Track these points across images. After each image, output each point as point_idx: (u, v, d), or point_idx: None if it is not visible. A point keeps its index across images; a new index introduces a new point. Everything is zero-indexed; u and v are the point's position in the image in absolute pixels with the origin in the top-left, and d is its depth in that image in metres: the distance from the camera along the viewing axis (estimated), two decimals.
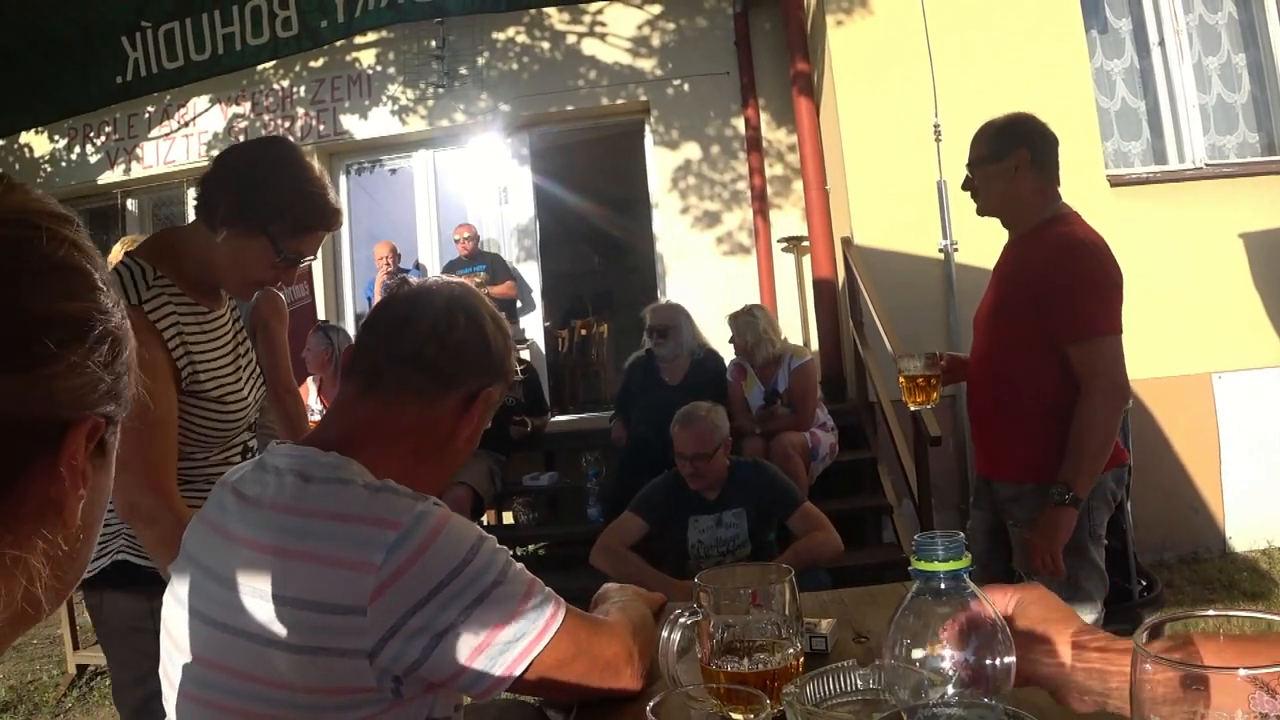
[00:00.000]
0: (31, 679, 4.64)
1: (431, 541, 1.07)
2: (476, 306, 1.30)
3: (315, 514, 1.09)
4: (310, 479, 1.13)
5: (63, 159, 7.88)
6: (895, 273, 5.42)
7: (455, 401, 1.26)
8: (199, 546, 1.19)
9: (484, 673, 1.09)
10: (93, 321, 0.56)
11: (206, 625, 1.12)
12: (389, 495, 1.11)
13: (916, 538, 0.97)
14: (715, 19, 7.02)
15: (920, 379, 2.53)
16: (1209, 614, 0.74)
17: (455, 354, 1.25)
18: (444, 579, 1.06)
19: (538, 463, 6.06)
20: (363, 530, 1.06)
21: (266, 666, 1.05)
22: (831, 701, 1.05)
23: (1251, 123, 6.02)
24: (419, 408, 1.24)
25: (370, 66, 7.41)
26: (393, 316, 1.28)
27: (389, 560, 1.04)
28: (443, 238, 7.50)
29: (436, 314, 1.26)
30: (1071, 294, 2.33)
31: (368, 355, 1.27)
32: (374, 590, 1.03)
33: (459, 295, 1.30)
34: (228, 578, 1.10)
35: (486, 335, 1.28)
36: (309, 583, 1.05)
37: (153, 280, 1.85)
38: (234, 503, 1.17)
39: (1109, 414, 2.32)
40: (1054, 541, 2.32)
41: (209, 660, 1.11)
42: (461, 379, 1.26)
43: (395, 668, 1.06)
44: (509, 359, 1.33)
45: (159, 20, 2.56)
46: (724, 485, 3.40)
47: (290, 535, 1.08)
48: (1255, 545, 5.40)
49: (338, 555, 1.06)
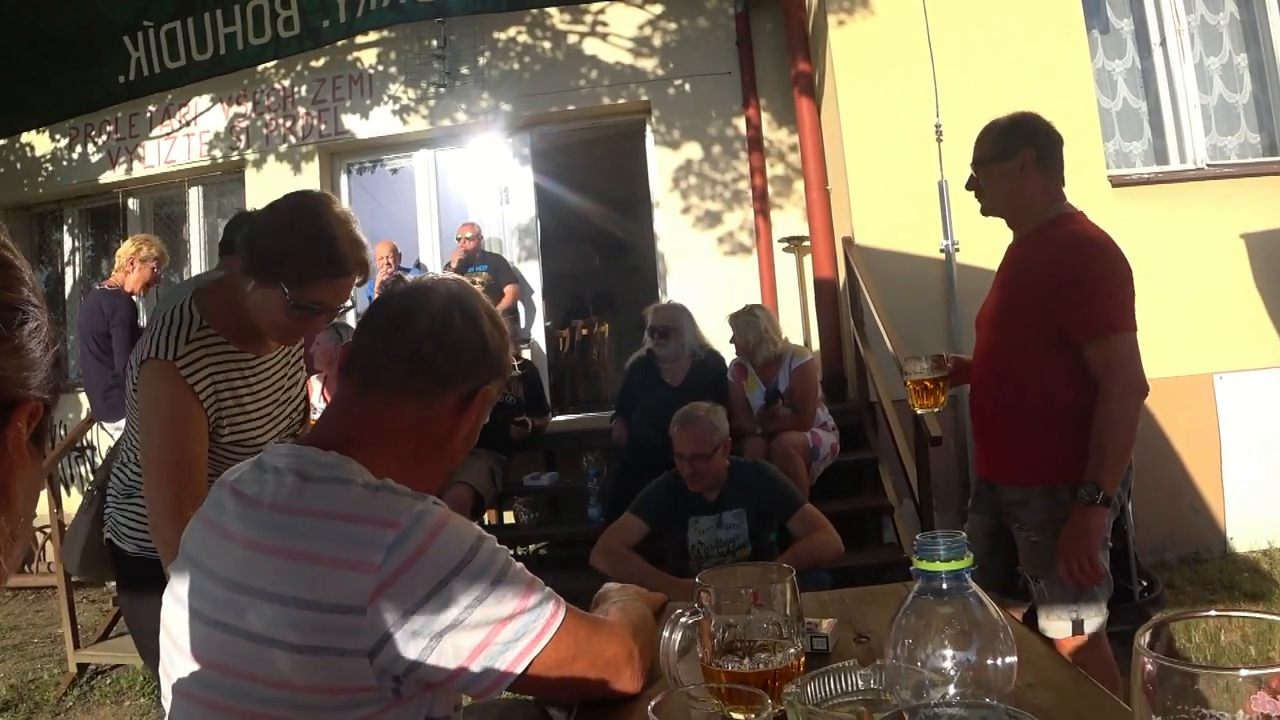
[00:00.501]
0: (32, 678, 4.64)
1: (431, 541, 1.07)
2: (473, 304, 1.30)
3: (315, 513, 1.09)
4: (309, 478, 1.13)
5: (64, 158, 7.88)
6: (896, 273, 5.42)
7: (453, 400, 1.26)
8: (198, 546, 1.19)
9: (484, 672, 1.09)
10: (26, 309, 0.59)
11: (206, 625, 1.12)
12: (388, 495, 1.11)
13: (918, 538, 0.97)
14: (716, 19, 7.02)
15: (927, 382, 2.51)
16: (1210, 614, 0.74)
17: (453, 353, 1.25)
18: (444, 578, 1.06)
19: (538, 463, 6.06)
20: (362, 530, 1.06)
21: (266, 666, 1.05)
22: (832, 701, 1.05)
23: (1253, 123, 6.02)
24: (418, 407, 1.24)
25: (371, 66, 7.41)
26: (390, 316, 1.28)
27: (389, 560, 1.04)
28: (444, 237, 7.50)
29: (433, 313, 1.26)
30: (1083, 292, 2.31)
31: (365, 355, 1.27)
32: (374, 590, 1.03)
33: (455, 293, 1.30)
34: (227, 577, 1.10)
35: (484, 333, 1.28)
36: (308, 582, 1.05)
37: (194, 334, 1.94)
38: (232, 502, 1.17)
39: (1129, 411, 2.29)
40: (1088, 544, 2.27)
41: (208, 660, 1.11)
42: (460, 378, 1.26)
43: (395, 667, 1.06)
44: (506, 355, 1.33)
45: (161, 20, 2.57)
46: (724, 486, 3.40)
47: (290, 535, 1.08)
48: (1256, 546, 5.40)
49: (337, 555, 1.05)
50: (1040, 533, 2.39)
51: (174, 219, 8.13)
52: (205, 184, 7.97)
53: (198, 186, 7.96)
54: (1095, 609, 2.38)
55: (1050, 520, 2.37)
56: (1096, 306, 2.31)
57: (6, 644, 5.28)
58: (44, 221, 8.23)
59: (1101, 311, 2.31)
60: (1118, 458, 2.28)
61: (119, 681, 4.47)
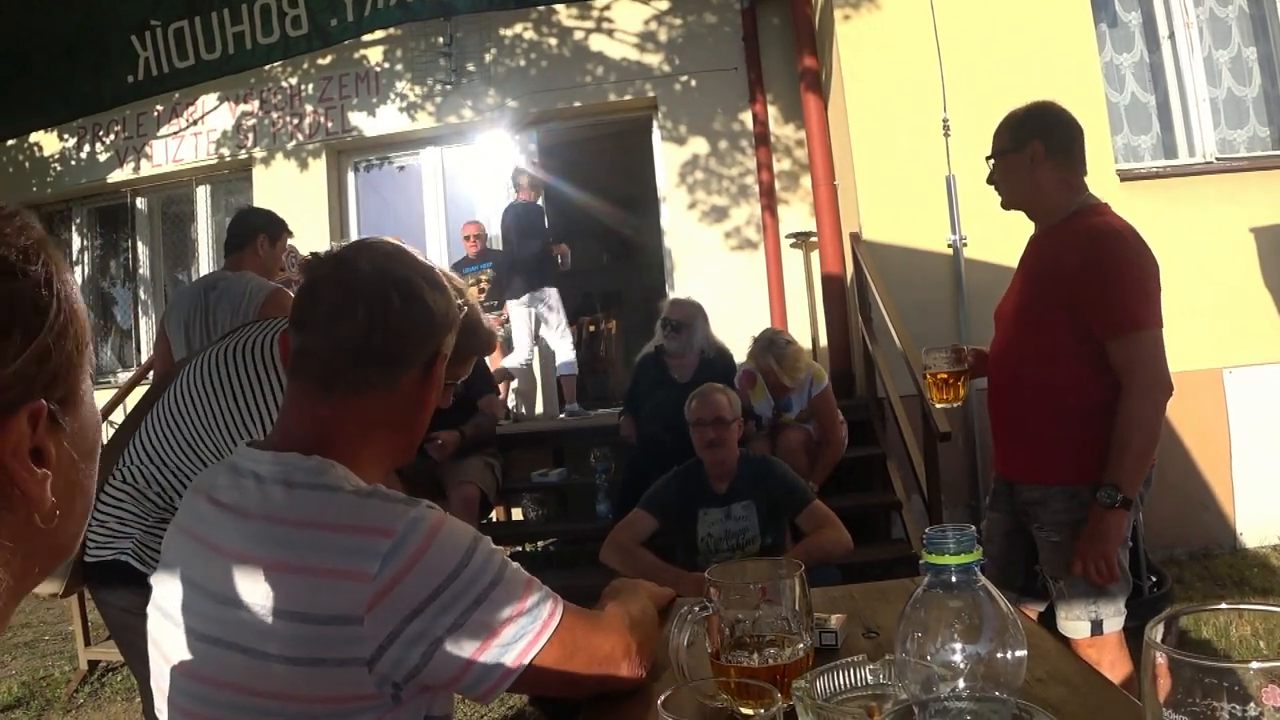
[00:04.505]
0: (44, 675, 4.66)
1: (427, 547, 1.05)
2: (406, 275, 1.23)
3: (305, 524, 1.08)
4: (295, 485, 1.11)
5: (72, 157, 7.92)
6: (904, 268, 5.42)
7: (415, 373, 1.24)
8: (181, 558, 1.16)
9: (484, 674, 1.08)
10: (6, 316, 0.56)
11: (200, 641, 1.10)
12: (379, 501, 1.09)
13: (927, 531, 0.97)
14: (723, 14, 7.01)
15: (946, 375, 2.47)
16: (1220, 608, 0.74)
17: (402, 335, 1.21)
18: (441, 584, 1.05)
19: (547, 459, 6.07)
20: (355, 539, 1.05)
21: (264, 679, 1.04)
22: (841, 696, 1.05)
23: (1262, 117, 5.99)
24: (382, 394, 1.22)
25: (378, 64, 7.43)
26: (325, 311, 1.21)
27: (384, 569, 1.03)
28: (451, 234, 7.52)
29: (369, 300, 1.20)
30: (1107, 286, 2.23)
31: (311, 356, 1.21)
32: (370, 600, 1.02)
33: (384, 268, 1.23)
34: (218, 592, 1.08)
35: (427, 304, 1.23)
36: (303, 595, 1.04)
37: None
38: (211, 511, 1.15)
39: (1153, 411, 2.22)
40: (1106, 546, 2.22)
41: (204, 676, 1.09)
42: (415, 353, 1.23)
43: (395, 674, 1.05)
44: (453, 310, 1.29)
45: (168, 20, 2.57)
46: (733, 478, 3.41)
47: (281, 547, 1.07)
48: (1266, 541, 5.38)
49: (331, 566, 1.04)
50: (1060, 533, 2.34)
51: (182, 218, 8.16)
52: (213, 182, 8.01)
53: (205, 185, 7.99)
54: (1114, 609, 2.33)
55: (1070, 520, 2.31)
56: (1120, 301, 2.23)
57: (18, 641, 5.30)
58: (52, 221, 8.27)
59: (1126, 307, 2.23)
60: (1139, 458, 2.22)
61: (129, 679, 4.48)
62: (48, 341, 0.58)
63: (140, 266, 8.11)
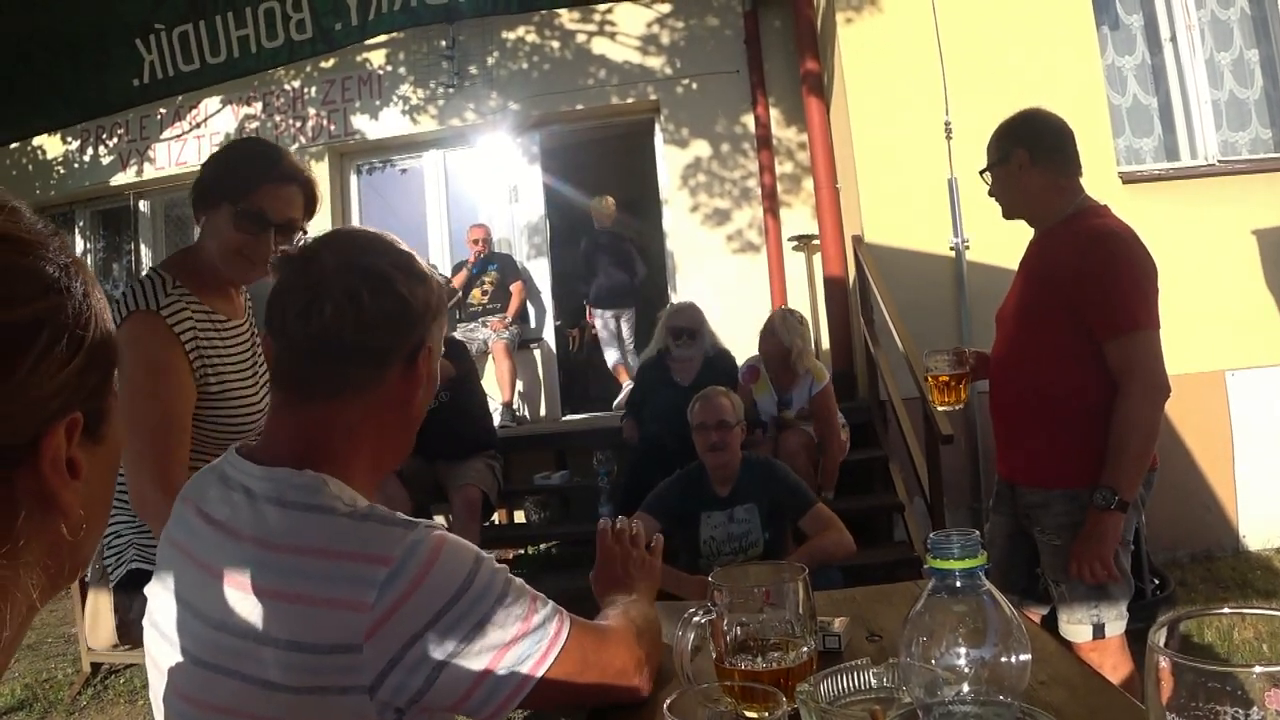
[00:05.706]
0: (46, 677, 4.67)
1: (427, 572, 1.02)
2: (375, 265, 1.17)
3: (300, 551, 1.04)
4: (288, 505, 1.07)
5: (75, 160, 7.93)
6: (906, 270, 5.42)
7: (398, 368, 1.18)
8: (174, 573, 1.14)
9: (490, 696, 1.06)
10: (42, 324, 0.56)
11: (196, 665, 1.08)
12: (376, 525, 1.05)
13: (932, 536, 0.97)
14: (725, 17, 7.01)
15: (947, 377, 2.47)
16: (1223, 612, 0.74)
17: (375, 328, 1.14)
18: (442, 607, 1.02)
19: (549, 462, 6.08)
20: (351, 567, 1.01)
21: (263, 707, 1.02)
22: (845, 700, 1.05)
23: (1264, 119, 5.99)
24: (366, 395, 1.16)
25: (381, 67, 7.44)
26: (292, 312, 1.14)
27: (381, 598, 1.00)
28: (453, 236, 7.53)
29: (336, 296, 1.13)
30: (1104, 287, 2.24)
31: (288, 363, 1.17)
32: (369, 628, 0.99)
33: (349, 261, 1.16)
34: (215, 618, 1.05)
35: (400, 294, 1.16)
36: (300, 624, 1.01)
37: (170, 289, 1.89)
38: (202, 527, 1.12)
39: (1150, 413, 2.22)
40: (1102, 549, 2.23)
41: (201, 700, 1.07)
42: (395, 348, 1.17)
43: (397, 699, 1.02)
44: (432, 295, 1.21)
45: (172, 22, 2.57)
46: (736, 481, 3.42)
47: (276, 575, 1.03)
48: (1269, 544, 5.37)
49: (327, 595, 1.01)
50: (1061, 536, 2.33)
51: (184, 220, 8.15)
52: None
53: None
54: (1116, 612, 2.33)
55: (1071, 524, 2.31)
56: (1118, 302, 2.24)
57: (21, 643, 5.31)
58: (55, 223, 8.06)
59: (1123, 308, 2.24)
60: (1136, 460, 2.22)
61: (133, 681, 4.49)
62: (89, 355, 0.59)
63: (143, 269, 8.11)
